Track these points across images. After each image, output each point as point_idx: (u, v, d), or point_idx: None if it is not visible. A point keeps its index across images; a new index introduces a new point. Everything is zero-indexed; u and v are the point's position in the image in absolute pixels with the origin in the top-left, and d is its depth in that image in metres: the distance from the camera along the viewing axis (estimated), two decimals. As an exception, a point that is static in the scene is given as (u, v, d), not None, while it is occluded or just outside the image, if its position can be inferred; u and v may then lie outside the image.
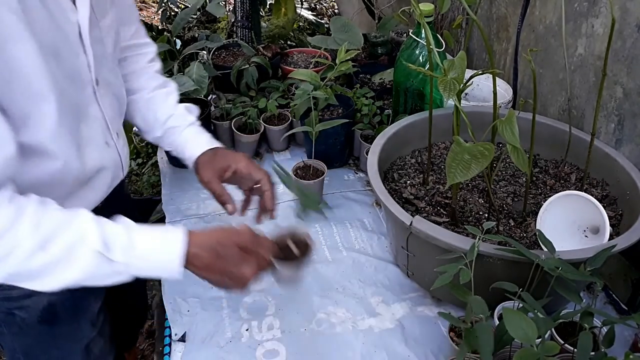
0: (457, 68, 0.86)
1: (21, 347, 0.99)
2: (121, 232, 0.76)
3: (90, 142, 0.87)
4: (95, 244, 0.73)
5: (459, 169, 0.81)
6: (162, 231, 0.79)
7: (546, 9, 1.24)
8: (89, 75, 0.84)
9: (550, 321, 0.74)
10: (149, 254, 0.76)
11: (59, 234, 0.72)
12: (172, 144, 1.07)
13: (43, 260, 0.71)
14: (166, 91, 1.09)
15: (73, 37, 0.79)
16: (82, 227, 0.74)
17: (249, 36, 1.85)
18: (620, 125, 1.07)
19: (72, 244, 0.72)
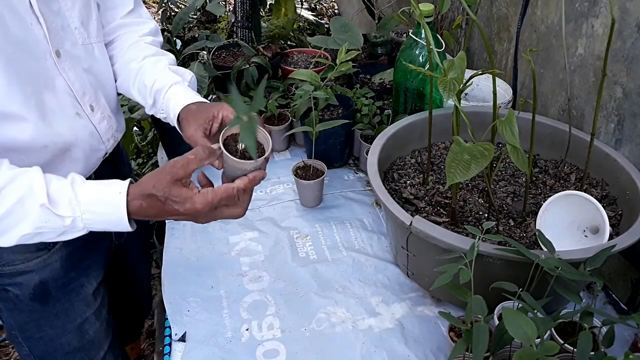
0: (456, 68, 0.86)
1: (17, 323, 1.02)
2: (66, 186, 0.76)
3: (58, 112, 0.88)
4: (41, 198, 0.73)
5: (459, 169, 0.81)
6: (105, 185, 0.78)
7: (547, 9, 1.24)
8: (46, 46, 0.85)
9: (550, 321, 0.74)
10: (94, 208, 0.76)
11: (8, 188, 0.74)
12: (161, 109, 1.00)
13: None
14: (155, 59, 1.04)
15: (22, 8, 0.80)
16: (30, 182, 0.74)
17: (249, 36, 1.85)
18: (620, 125, 1.07)
19: (21, 198, 0.73)
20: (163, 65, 1.02)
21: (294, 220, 1.24)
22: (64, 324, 1.04)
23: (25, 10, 0.81)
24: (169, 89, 0.98)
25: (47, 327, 1.03)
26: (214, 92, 1.61)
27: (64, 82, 0.90)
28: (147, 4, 4.29)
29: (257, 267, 1.12)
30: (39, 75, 0.84)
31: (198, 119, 0.92)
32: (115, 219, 0.77)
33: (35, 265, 0.95)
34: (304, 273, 1.10)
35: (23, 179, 0.75)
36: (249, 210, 1.26)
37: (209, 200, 0.77)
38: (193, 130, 0.91)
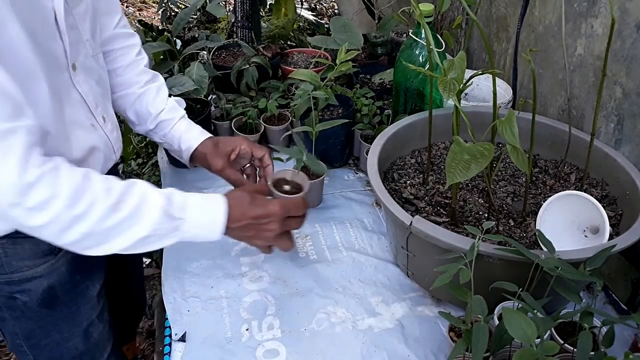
0: (456, 68, 0.86)
1: (23, 331, 1.01)
2: (175, 191, 0.86)
3: (76, 124, 0.90)
4: (159, 201, 0.82)
5: (459, 169, 0.81)
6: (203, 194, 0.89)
7: (546, 9, 1.24)
8: (65, 60, 0.87)
9: (550, 321, 0.74)
10: (199, 210, 0.86)
11: (127, 194, 0.80)
12: (164, 136, 1.13)
13: (116, 219, 0.78)
14: (157, 85, 1.14)
15: (50, 22, 0.82)
16: (143, 189, 0.83)
17: (249, 36, 1.85)
18: (620, 125, 1.07)
19: (139, 204, 0.80)
20: (165, 95, 1.14)
21: (293, 220, 1.24)
22: (71, 328, 1.03)
23: (52, 24, 0.82)
24: (177, 124, 1.12)
25: (54, 332, 1.02)
26: (214, 92, 1.61)
27: (79, 94, 0.91)
28: (147, 4, 4.29)
29: (257, 267, 1.12)
30: (60, 88, 0.86)
31: (221, 153, 1.10)
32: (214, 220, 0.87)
33: (44, 271, 0.95)
34: (304, 273, 1.10)
35: (135, 187, 0.82)
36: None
37: (283, 203, 0.93)
38: (222, 163, 1.09)
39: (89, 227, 0.77)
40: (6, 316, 0.98)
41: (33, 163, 0.73)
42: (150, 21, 3.49)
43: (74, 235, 0.77)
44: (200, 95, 1.42)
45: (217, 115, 1.48)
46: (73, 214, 0.75)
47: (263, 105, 1.46)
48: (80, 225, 0.76)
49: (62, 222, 0.75)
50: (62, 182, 0.75)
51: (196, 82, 1.40)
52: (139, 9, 4.21)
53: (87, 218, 0.76)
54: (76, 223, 0.76)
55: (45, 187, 0.73)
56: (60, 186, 0.74)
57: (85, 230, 0.77)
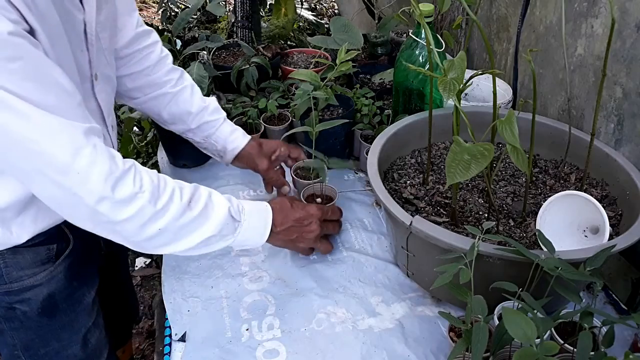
0: (457, 68, 0.86)
1: (21, 341, 1.00)
2: (230, 196, 0.90)
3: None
4: (224, 202, 0.87)
5: (459, 169, 0.81)
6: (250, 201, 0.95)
7: (546, 9, 1.24)
8: (89, 70, 0.87)
9: (550, 321, 0.74)
10: (252, 214, 0.91)
11: (196, 194, 0.85)
12: (208, 137, 1.16)
13: (189, 217, 0.82)
14: (190, 84, 1.16)
15: (80, 34, 0.83)
16: (208, 190, 0.87)
17: (249, 36, 1.85)
18: (620, 125, 1.07)
19: (207, 203, 0.85)
20: (200, 92, 1.17)
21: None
22: (70, 335, 1.03)
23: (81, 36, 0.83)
24: (223, 124, 1.17)
25: (53, 341, 1.02)
26: (214, 92, 1.61)
27: (96, 104, 0.92)
28: (147, 4, 4.29)
29: (257, 267, 1.12)
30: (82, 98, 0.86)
31: (266, 154, 1.19)
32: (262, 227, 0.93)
33: (43, 279, 0.95)
34: (304, 273, 1.10)
35: (201, 188, 0.87)
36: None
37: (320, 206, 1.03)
38: (267, 164, 1.18)
39: (166, 224, 0.80)
40: (4, 328, 0.98)
41: (118, 158, 0.77)
42: (150, 21, 3.49)
43: (152, 231, 0.79)
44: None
45: (217, 115, 1.48)
46: (155, 209, 0.78)
47: (263, 105, 1.46)
48: (160, 221, 0.79)
49: (145, 216, 0.78)
50: (144, 178, 0.79)
51: (196, 82, 1.39)
52: (139, 9, 4.20)
53: (166, 214, 0.79)
54: (156, 218, 0.79)
55: (132, 182, 0.77)
56: (144, 181, 0.78)
57: (162, 226, 0.80)
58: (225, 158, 1.19)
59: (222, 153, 1.18)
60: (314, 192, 1.20)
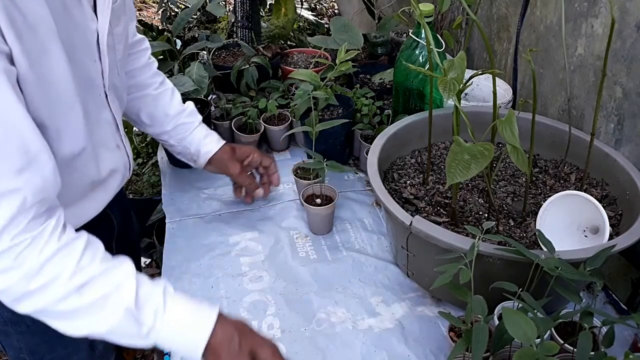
0: (457, 68, 0.86)
1: (28, 346, 0.99)
2: (157, 293, 0.75)
3: (103, 146, 0.90)
4: (128, 300, 0.72)
5: (459, 169, 0.81)
6: (195, 306, 0.77)
7: (547, 9, 1.24)
8: (101, 81, 0.86)
9: (550, 321, 0.74)
10: (177, 326, 0.75)
11: (97, 280, 0.72)
12: (182, 139, 1.17)
13: (75, 304, 0.71)
14: (171, 88, 1.17)
15: (92, 44, 0.81)
16: (121, 279, 0.74)
17: (249, 36, 1.85)
18: (620, 125, 1.07)
19: (107, 294, 0.72)
20: (179, 97, 1.18)
21: (293, 220, 1.24)
22: (77, 342, 0.99)
23: (93, 47, 0.82)
24: (197, 128, 1.17)
25: (59, 347, 1.01)
26: (214, 92, 1.61)
27: (110, 114, 0.91)
28: (147, 4, 4.29)
29: (257, 267, 1.12)
30: (92, 110, 0.85)
31: (239, 159, 1.19)
32: (190, 344, 0.75)
33: None
34: (304, 273, 1.10)
35: (114, 274, 0.74)
36: (249, 210, 1.28)
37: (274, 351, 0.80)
38: (239, 168, 1.18)
39: (43, 305, 0.71)
40: (10, 331, 0.97)
41: (10, 233, 0.68)
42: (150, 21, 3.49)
43: (27, 308, 0.72)
44: (200, 95, 1.42)
45: (217, 115, 1.48)
46: (27, 288, 0.70)
47: (263, 105, 1.46)
48: (32, 301, 0.71)
49: (15, 293, 0.70)
50: (29, 254, 0.69)
51: (196, 82, 1.39)
52: (139, 9, 4.20)
53: (42, 295, 0.70)
54: (28, 298, 0.71)
55: (8, 258, 0.68)
56: (26, 258, 0.69)
57: (38, 306, 0.72)
58: (198, 162, 1.19)
59: (196, 157, 1.18)
60: (313, 192, 1.20)
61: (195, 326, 0.76)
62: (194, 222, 1.24)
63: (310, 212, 1.18)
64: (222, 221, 1.24)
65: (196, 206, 1.29)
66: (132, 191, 2.22)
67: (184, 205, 1.29)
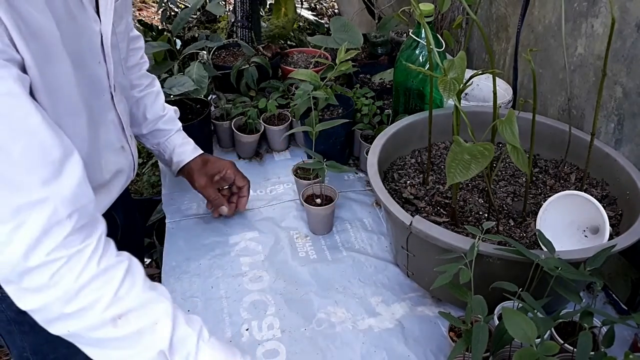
0: (457, 68, 0.86)
1: (31, 345, 0.99)
2: (192, 338, 0.74)
3: (108, 148, 0.89)
4: (163, 342, 0.71)
5: (459, 169, 0.81)
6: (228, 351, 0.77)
7: (545, 9, 1.24)
8: (107, 82, 0.85)
9: (550, 321, 0.74)
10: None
11: (134, 313, 0.70)
12: (158, 145, 1.16)
13: (109, 334, 0.69)
14: (156, 91, 1.16)
15: (96, 46, 0.80)
16: (158, 316, 0.72)
17: (249, 36, 1.85)
18: (620, 125, 1.07)
19: (142, 330, 0.70)
20: (162, 101, 1.16)
21: (293, 220, 1.24)
22: None
23: (97, 48, 0.81)
24: (173, 135, 1.16)
25: (62, 347, 0.98)
26: (214, 92, 1.61)
27: (116, 115, 0.91)
28: (147, 3, 4.29)
29: (257, 267, 1.12)
30: (98, 112, 0.84)
31: (207, 172, 1.15)
32: None
33: None
34: (304, 273, 1.10)
35: (152, 309, 0.72)
36: (249, 210, 1.28)
37: None
38: (205, 182, 1.15)
39: (78, 329, 0.69)
40: (14, 330, 0.97)
41: (45, 247, 0.65)
42: (150, 21, 3.49)
43: (60, 330, 0.70)
44: (200, 95, 1.42)
45: (217, 115, 1.48)
46: (63, 311, 0.67)
47: (263, 105, 1.46)
48: (68, 324, 0.69)
49: (50, 313, 0.68)
50: (67, 273, 0.67)
51: (196, 82, 1.40)
52: (139, 9, 4.20)
53: (77, 320, 0.68)
54: (64, 320, 0.69)
55: (44, 275, 0.66)
56: (63, 277, 0.66)
57: (73, 330, 0.70)
58: (172, 169, 1.19)
59: (169, 163, 1.19)
60: (313, 192, 1.20)
61: None
62: (194, 222, 1.24)
63: (310, 212, 1.18)
64: (222, 221, 1.24)
65: (196, 206, 1.29)
66: (132, 191, 2.23)
67: (184, 205, 1.29)
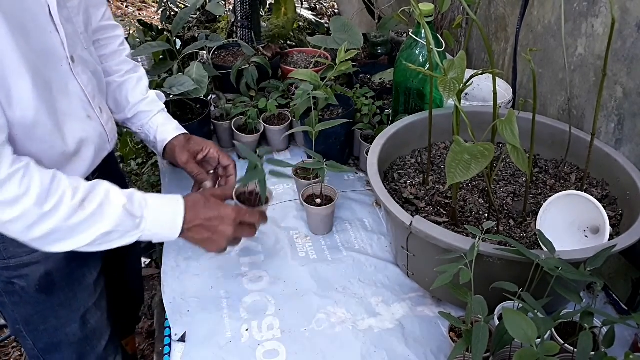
0: (457, 68, 0.86)
1: (21, 316, 1.04)
2: (136, 192, 0.89)
3: (70, 116, 0.92)
4: (121, 199, 0.86)
5: (459, 169, 0.81)
6: (163, 195, 0.94)
7: (544, 9, 1.24)
8: (63, 52, 0.89)
9: (550, 321, 0.74)
10: (158, 210, 0.89)
11: (91, 193, 0.84)
12: (142, 126, 1.18)
13: (81, 216, 0.82)
14: (137, 76, 1.17)
15: (43, 17, 0.84)
16: (107, 188, 0.87)
17: (249, 36, 1.85)
18: (620, 125, 1.07)
19: (102, 202, 0.84)
20: (144, 85, 1.18)
21: (293, 220, 1.24)
22: (68, 313, 1.06)
23: (46, 19, 0.84)
24: (156, 116, 1.17)
25: (52, 317, 1.05)
26: (214, 91, 1.61)
27: (78, 86, 0.94)
28: (147, 3, 4.29)
29: (257, 267, 1.12)
30: (55, 81, 0.87)
31: (190, 150, 1.15)
32: (172, 217, 0.90)
33: (40, 257, 0.97)
34: (304, 273, 1.10)
35: (100, 186, 0.86)
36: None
37: (237, 209, 0.97)
38: (187, 157, 1.14)
39: (55, 224, 0.80)
40: (5, 301, 1.01)
41: (4, 162, 0.76)
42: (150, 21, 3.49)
43: (40, 232, 0.80)
44: (200, 95, 1.42)
45: (217, 115, 1.48)
46: (41, 211, 0.78)
47: (263, 105, 1.46)
48: (48, 222, 0.79)
49: (30, 218, 0.78)
50: (32, 181, 0.78)
51: (196, 82, 1.39)
52: (139, 9, 4.20)
53: (54, 215, 0.79)
54: (43, 220, 0.79)
55: (17, 185, 0.77)
56: (31, 184, 0.78)
57: (51, 226, 0.80)
58: (157, 150, 1.20)
59: (154, 144, 1.19)
60: (313, 192, 1.20)
61: (170, 204, 0.91)
62: (193, 222, 1.24)
63: (310, 212, 1.18)
64: (222, 221, 1.24)
65: (196, 206, 1.29)
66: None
67: (183, 205, 1.29)
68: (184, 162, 1.15)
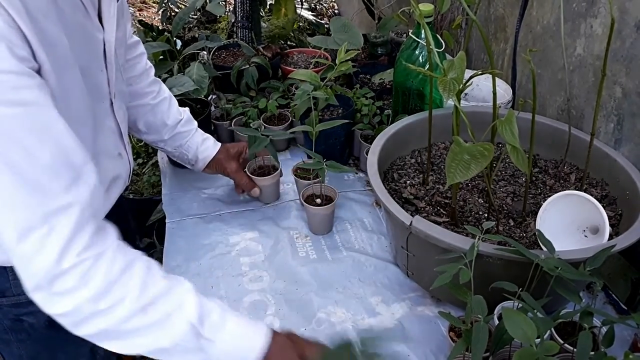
0: (456, 68, 0.86)
1: (28, 353, 0.99)
2: (216, 309, 0.76)
3: (105, 155, 0.89)
4: (191, 315, 0.73)
5: (459, 169, 0.81)
6: (249, 320, 0.79)
7: (543, 10, 1.24)
8: (107, 89, 0.86)
9: (550, 321, 0.74)
10: (234, 338, 0.76)
11: (161, 299, 0.72)
12: (180, 146, 1.20)
13: (140, 323, 0.71)
14: (168, 96, 1.18)
15: (99, 55, 0.81)
16: (183, 296, 0.75)
17: (249, 36, 1.85)
18: (620, 125, 1.07)
19: (171, 312, 0.72)
20: (176, 105, 1.20)
21: (294, 220, 1.25)
22: (77, 348, 1.01)
23: (100, 56, 0.82)
24: (194, 135, 1.20)
25: (60, 354, 1.01)
26: (214, 92, 1.61)
27: (114, 122, 0.91)
28: (147, 3, 4.29)
29: (257, 267, 1.12)
30: (97, 118, 0.84)
31: (234, 157, 1.22)
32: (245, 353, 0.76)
33: None
34: (304, 273, 1.10)
35: (177, 292, 0.75)
36: (249, 210, 1.28)
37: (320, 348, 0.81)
38: (236, 166, 1.21)
39: (108, 325, 0.70)
40: (11, 339, 0.97)
41: (75, 249, 0.67)
42: (150, 21, 3.49)
43: (89, 330, 0.71)
44: (200, 95, 1.42)
45: (217, 115, 1.48)
46: (96, 308, 0.69)
47: (263, 105, 1.46)
48: (100, 321, 0.70)
49: (82, 313, 0.69)
50: (95, 273, 0.68)
51: (196, 82, 1.39)
52: (139, 9, 4.20)
53: (109, 315, 0.70)
54: (95, 318, 0.70)
55: (76, 276, 0.67)
56: (92, 277, 0.68)
57: (103, 326, 0.70)
58: (196, 166, 1.23)
59: (193, 161, 1.22)
60: (313, 192, 1.20)
61: (249, 338, 0.77)
62: (194, 222, 1.24)
63: (310, 212, 1.18)
64: (222, 221, 1.24)
65: (196, 206, 1.29)
66: (132, 191, 2.22)
67: (184, 205, 1.29)
68: (235, 171, 1.21)
